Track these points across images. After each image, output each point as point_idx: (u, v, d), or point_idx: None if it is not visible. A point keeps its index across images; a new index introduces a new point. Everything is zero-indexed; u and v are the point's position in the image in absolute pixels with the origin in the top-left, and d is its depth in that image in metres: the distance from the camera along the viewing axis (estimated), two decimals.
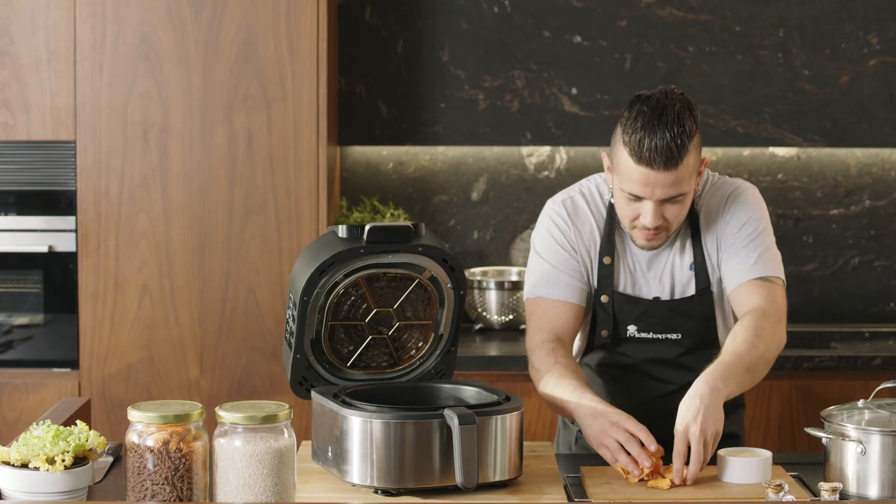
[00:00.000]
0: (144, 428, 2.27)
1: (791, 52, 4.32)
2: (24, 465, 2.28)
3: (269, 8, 3.88)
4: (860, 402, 2.53)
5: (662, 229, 2.77)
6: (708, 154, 4.26)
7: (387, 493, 2.41)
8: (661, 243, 2.82)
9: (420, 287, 2.64)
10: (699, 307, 2.87)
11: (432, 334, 2.69)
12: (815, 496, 2.43)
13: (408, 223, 2.57)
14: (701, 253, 2.86)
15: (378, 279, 2.60)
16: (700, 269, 2.86)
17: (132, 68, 3.90)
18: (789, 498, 2.30)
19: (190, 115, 3.91)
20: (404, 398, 2.60)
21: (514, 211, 4.39)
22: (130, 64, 3.90)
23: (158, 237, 3.92)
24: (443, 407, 2.40)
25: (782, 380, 3.81)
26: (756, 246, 2.82)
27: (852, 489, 2.44)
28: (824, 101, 4.33)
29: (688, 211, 2.80)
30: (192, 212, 3.92)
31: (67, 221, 3.97)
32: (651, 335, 2.90)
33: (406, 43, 4.34)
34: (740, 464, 2.51)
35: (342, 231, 2.56)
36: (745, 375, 2.64)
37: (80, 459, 2.32)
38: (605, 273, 2.88)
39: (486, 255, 4.41)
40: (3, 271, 4.00)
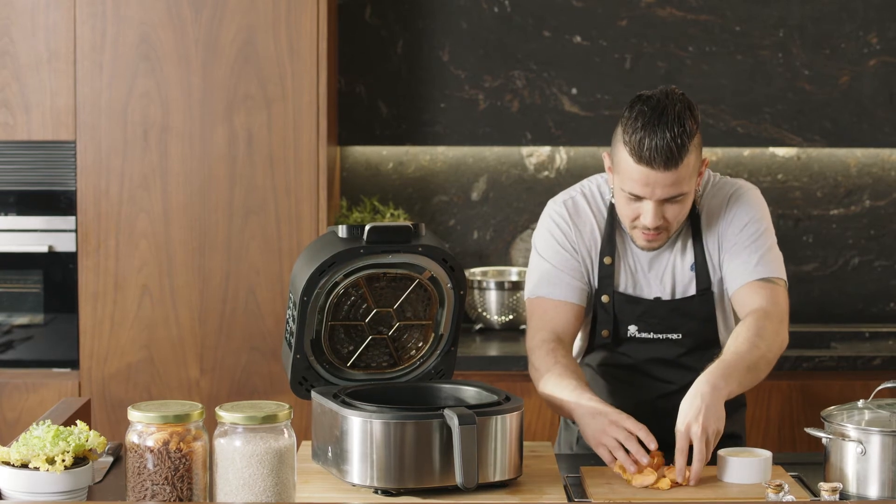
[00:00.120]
0: (144, 428, 2.27)
1: (791, 52, 4.32)
2: (24, 465, 2.28)
3: (269, 8, 3.88)
4: (860, 403, 2.53)
5: (663, 230, 2.77)
6: (708, 154, 4.26)
7: (387, 493, 2.41)
8: (661, 244, 2.82)
9: (420, 287, 2.64)
10: (700, 307, 2.87)
11: (432, 334, 2.69)
12: (815, 496, 2.43)
13: (408, 223, 2.57)
14: (702, 253, 2.86)
15: (378, 279, 2.60)
16: (701, 269, 2.86)
17: (132, 68, 3.90)
18: (789, 498, 2.30)
19: (190, 115, 3.91)
20: (404, 398, 2.60)
21: (514, 211, 4.39)
22: (130, 64, 3.90)
23: (158, 237, 3.92)
24: (443, 407, 2.40)
25: (782, 380, 3.81)
26: (758, 247, 2.82)
27: (852, 489, 2.44)
28: (824, 101, 4.33)
29: (688, 211, 2.80)
30: (192, 212, 3.92)
31: (67, 221, 3.97)
32: (652, 335, 2.90)
33: (406, 43, 4.34)
34: (740, 464, 2.51)
35: (342, 231, 2.56)
36: (746, 375, 2.64)
37: (80, 459, 2.32)
38: (606, 273, 2.88)
39: (486, 255, 4.41)
40: (3, 271, 4.00)
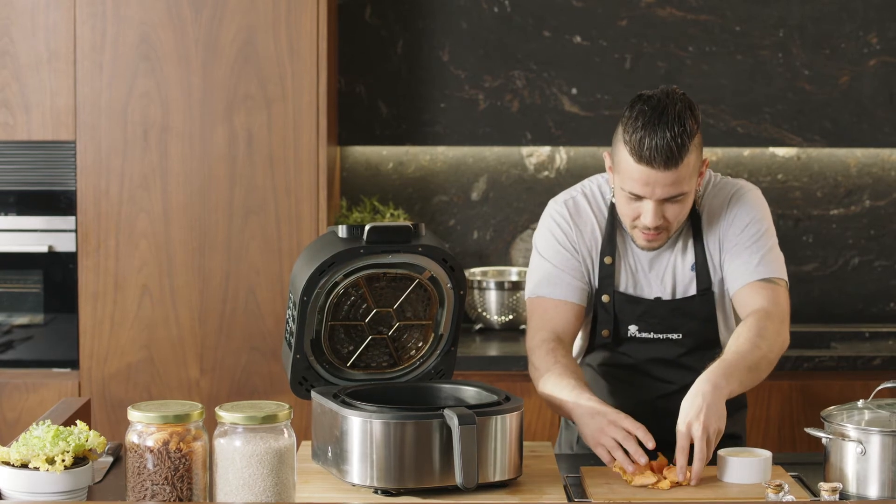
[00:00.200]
0: (144, 428, 2.27)
1: (791, 52, 4.32)
2: (24, 465, 2.28)
3: (269, 8, 3.88)
4: (860, 403, 2.53)
5: (663, 229, 2.77)
6: (708, 154, 4.26)
7: (387, 493, 2.41)
8: (661, 244, 2.82)
9: (420, 287, 2.64)
10: (700, 307, 2.87)
11: (432, 334, 2.69)
12: (815, 496, 2.43)
13: (408, 223, 2.57)
14: (703, 253, 2.86)
15: (378, 279, 2.60)
16: (701, 269, 2.86)
17: (132, 68, 3.90)
18: (789, 498, 2.30)
19: (190, 115, 3.91)
20: (404, 398, 2.60)
21: (514, 211, 4.39)
22: (130, 64, 3.90)
23: (158, 237, 3.92)
24: (443, 407, 2.40)
25: (782, 380, 3.81)
26: (759, 247, 2.82)
27: (852, 489, 2.44)
28: (824, 101, 4.33)
29: (689, 211, 2.80)
30: (192, 212, 3.92)
31: (67, 221, 3.97)
32: (652, 335, 2.90)
33: (406, 43, 4.34)
34: (740, 464, 2.51)
35: (342, 231, 2.56)
36: (747, 374, 2.64)
37: (80, 459, 2.32)
38: (607, 273, 2.88)
39: (486, 255, 4.41)
40: (3, 271, 4.00)
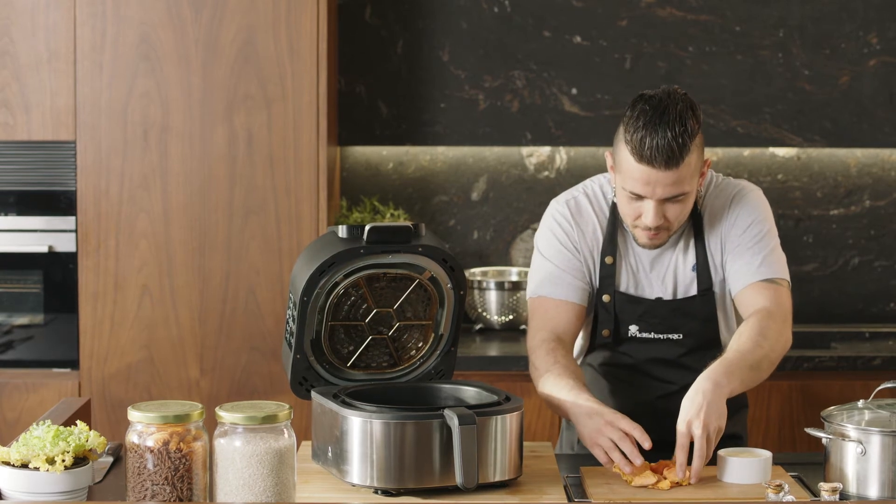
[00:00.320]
0: (144, 428, 2.27)
1: (791, 52, 4.32)
2: (24, 466, 2.28)
3: (269, 8, 3.88)
4: (860, 403, 2.53)
5: (664, 229, 2.77)
6: (708, 154, 4.26)
7: (387, 493, 2.41)
8: (662, 242, 2.83)
9: (420, 287, 2.64)
10: (701, 307, 2.87)
11: (432, 334, 2.69)
12: (815, 496, 2.43)
13: (408, 223, 2.57)
14: (704, 253, 2.86)
15: (378, 279, 2.60)
16: (702, 269, 2.86)
17: (132, 68, 3.90)
18: (789, 498, 2.30)
19: (190, 115, 3.91)
20: (404, 398, 2.60)
21: (514, 211, 4.39)
22: (130, 64, 3.90)
23: (158, 237, 3.92)
24: (443, 407, 2.40)
25: (782, 380, 3.81)
26: (761, 248, 2.82)
27: (852, 489, 2.44)
28: (824, 101, 4.33)
29: (690, 211, 2.80)
30: (192, 212, 3.92)
31: (67, 221, 3.97)
32: (653, 335, 2.90)
33: (406, 43, 4.34)
34: (740, 464, 2.51)
35: (342, 231, 2.56)
36: (748, 373, 2.64)
37: (80, 459, 2.32)
38: (608, 273, 2.88)
39: (486, 256, 4.41)
40: (3, 271, 4.00)
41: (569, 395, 2.66)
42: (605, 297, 2.89)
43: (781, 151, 4.38)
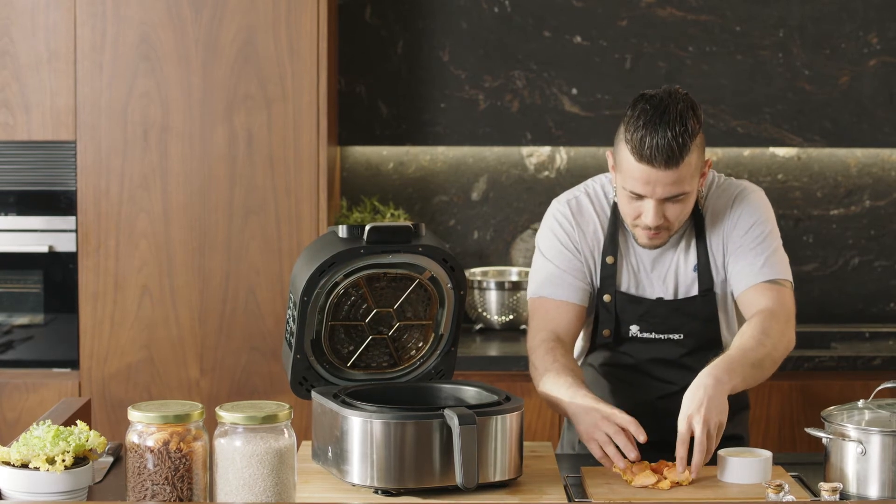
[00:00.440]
0: (144, 428, 2.27)
1: (791, 52, 4.32)
2: (24, 465, 2.28)
3: (269, 8, 3.88)
4: (860, 403, 2.53)
5: (664, 228, 2.77)
6: (708, 154, 4.25)
7: (387, 493, 2.41)
8: (662, 242, 2.82)
9: (420, 287, 2.63)
10: (702, 308, 2.87)
11: (432, 334, 2.68)
12: (815, 496, 2.43)
13: (408, 223, 2.57)
14: (705, 254, 2.86)
15: (378, 279, 2.60)
16: (704, 270, 2.86)
17: (132, 68, 3.90)
18: (789, 498, 2.30)
19: (190, 115, 3.91)
20: (404, 398, 2.60)
21: (514, 211, 4.39)
22: (130, 64, 3.90)
23: (158, 237, 3.92)
24: (443, 407, 2.40)
25: (782, 380, 3.81)
26: (763, 249, 2.82)
27: (852, 489, 2.44)
28: (824, 101, 4.33)
29: (691, 211, 2.80)
30: (192, 212, 3.92)
31: (67, 221, 3.97)
32: (653, 335, 2.89)
33: (406, 43, 4.34)
34: (740, 464, 2.51)
35: (342, 231, 2.56)
36: (750, 371, 2.64)
37: (80, 459, 2.32)
38: (608, 272, 2.88)
39: (486, 255, 4.40)
40: (3, 271, 4.00)
41: (567, 392, 2.66)
42: (606, 297, 2.89)
43: (781, 151, 4.38)
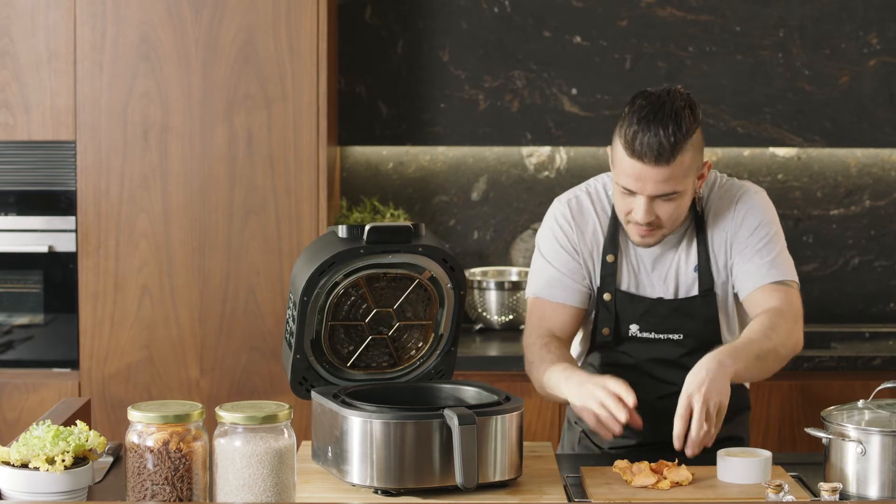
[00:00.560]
0: (144, 428, 2.27)
1: (791, 52, 4.32)
2: (24, 465, 2.28)
3: (269, 8, 3.88)
4: (860, 403, 2.53)
5: (656, 227, 2.77)
6: (708, 154, 4.26)
7: (387, 493, 2.41)
8: (655, 241, 2.82)
9: (420, 287, 2.63)
10: (702, 308, 2.87)
11: (432, 334, 2.69)
12: (815, 496, 2.43)
13: (408, 223, 2.57)
14: (706, 254, 2.86)
15: (378, 279, 2.60)
16: (704, 270, 2.86)
17: (132, 68, 3.90)
18: (789, 498, 2.30)
19: (190, 115, 3.91)
20: (404, 398, 2.60)
21: (514, 211, 4.39)
22: (130, 64, 3.90)
23: (158, 237, 3.92)
24: (443, 407, 2.40)
25: (782, 380, 3.80)
26: (770, 250, 2.82)
27: (852, 489, 2.44)
28: (824, 101, 4.33)
29: (685, 211, 2.80)
30: (192, 212, 3.92)
31: (67, 221, 3.97)
32: (653, 335, 2.89)
33: (406, 43, 4.34)
34: (740, 464, 2.51)
35: (342, 231, 2.56)
36: (754, 361, 2.63)
37: (80, 459, 2.32)
38: (609, 271, 2.88)
39: (486, 256, 4.40)
40: (3, 271, 4.00)
41: (562, 374, 2.68)
42: (606, 296, 2.88)
43: (781, 151, 4.38)
